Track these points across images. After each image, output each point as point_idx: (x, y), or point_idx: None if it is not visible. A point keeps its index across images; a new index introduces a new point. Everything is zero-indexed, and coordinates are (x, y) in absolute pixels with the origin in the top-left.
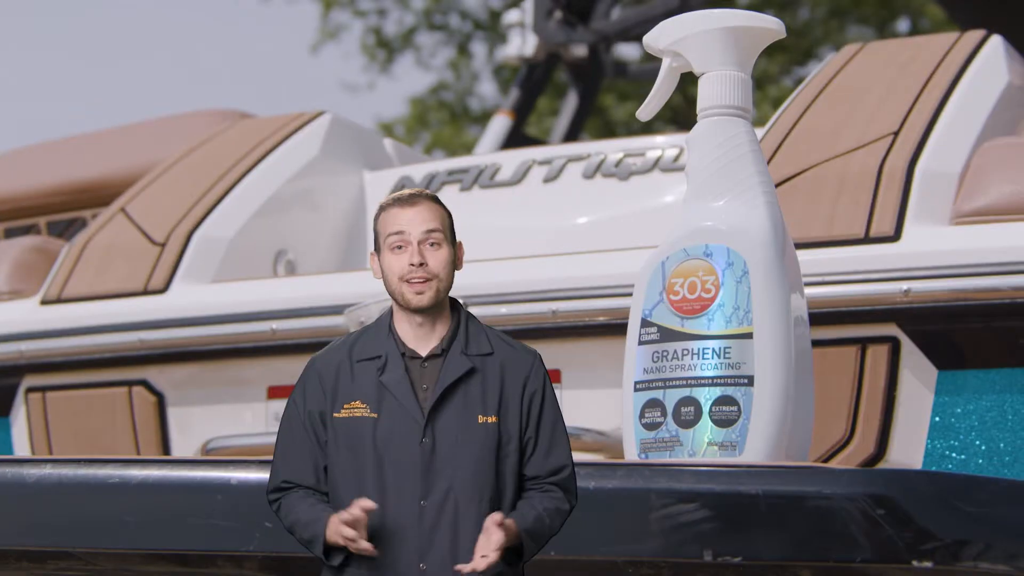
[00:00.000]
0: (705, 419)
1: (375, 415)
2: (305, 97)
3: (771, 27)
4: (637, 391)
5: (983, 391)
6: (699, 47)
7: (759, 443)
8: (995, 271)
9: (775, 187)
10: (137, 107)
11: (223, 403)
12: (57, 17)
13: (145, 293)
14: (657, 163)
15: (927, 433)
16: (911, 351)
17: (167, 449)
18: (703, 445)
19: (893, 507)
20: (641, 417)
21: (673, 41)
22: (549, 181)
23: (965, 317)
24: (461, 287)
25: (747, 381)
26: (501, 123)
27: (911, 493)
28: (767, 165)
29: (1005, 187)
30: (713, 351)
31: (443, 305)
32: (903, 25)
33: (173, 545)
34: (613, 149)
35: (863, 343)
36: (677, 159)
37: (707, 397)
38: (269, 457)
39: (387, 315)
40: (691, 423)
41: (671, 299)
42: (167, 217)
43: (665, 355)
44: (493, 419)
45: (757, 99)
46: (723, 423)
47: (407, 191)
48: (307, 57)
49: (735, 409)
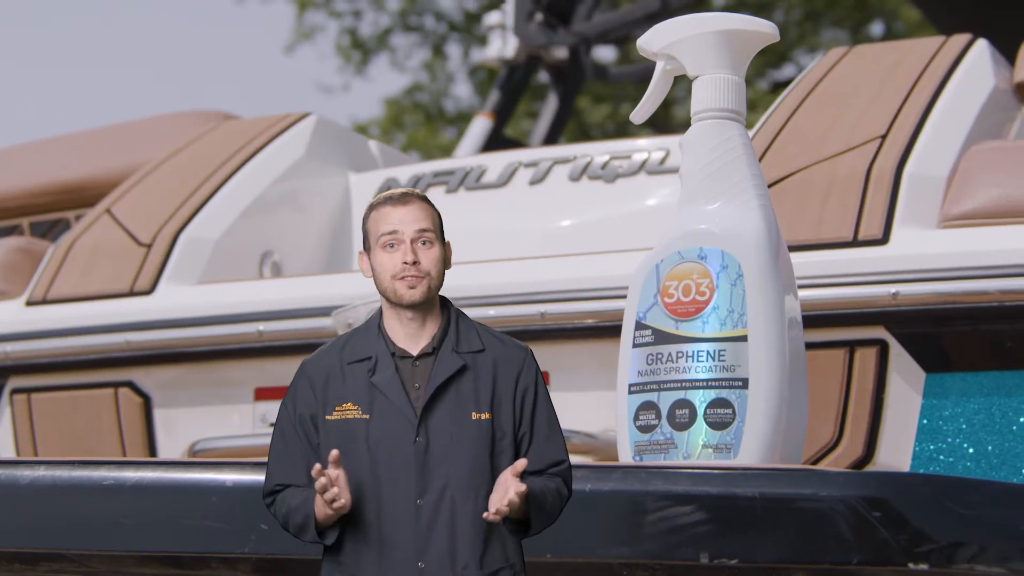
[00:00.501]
0: (700, 422)
1: (367, 416)
2: (280, 99)
3: (765, 31)
4: (631, 393)
5: (970, 394)
6: (693, 50)
7: (754, 446)
8: (983, 274)
9: None
10: (110, 109)
11: (210, 405)
12: (21, 25)
13: (131, 294)
14: (643, 166)
15: (915, 436)
16: (899, 354)
17: (153, 451)
18: (698, 448)
19: (889, 509)
20: (635, 419)
21: (667, 44)
22: (535, 183)
23: (953, 320)
24: (450, 288)
25: (741, 384)
26: (481, 125)
27: (907, 495)
28: None
29: (993, 191)
30: (708, 354)
31: (434, 303)
32: (877, 28)
33: (167, 547)
34: (599, 151)
35: (851, 346)
36: (663, 162)
37: (702, 400)
38: (263, 459)
39: (376, 316)
40: (686, 426)
41: (665, 302)
42: (153, 218)
43: (659, 358)
44: (487, 416)
45: None
46: (718, 426)
47: (398, 190)
48: (282, 58)
49: (730, 412)
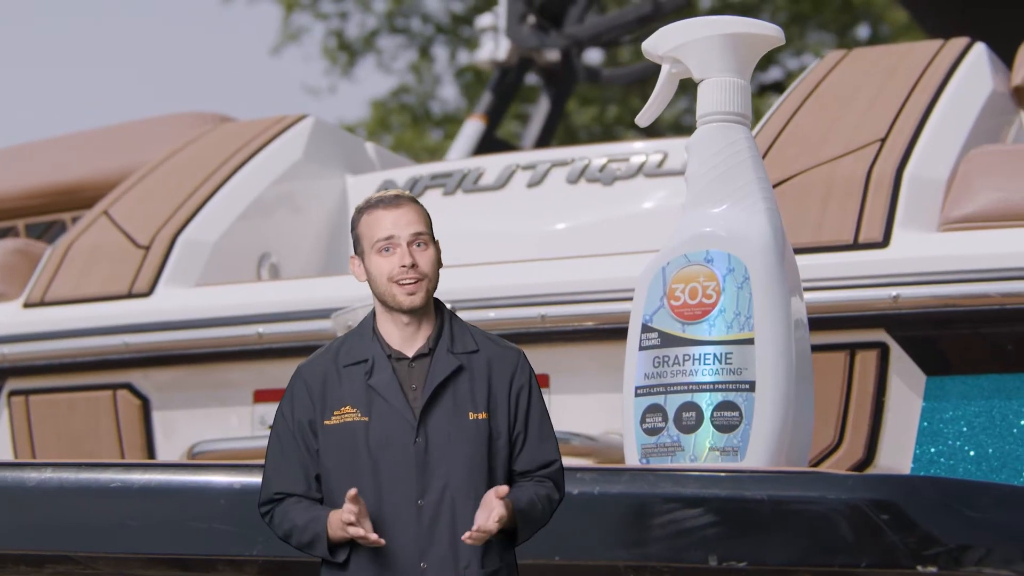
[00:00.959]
0: (707, 424)
1: (366, 419)
2: (266, 100)
3: (770, 34)
4: (638, 396)
5: (971, 396)
6: (698, 53)
7: (761, 448)
8: (983, 277)
9: None
10: (94, 110)
11: (209, 407)
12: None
13: (130, 296)
14: (641, 168)
15: (915, 438)
16: (899, 357)
17: (152, 453)
18: (704, 450)
19: (897, 512)
20: (642, 422)
21: (673, 47)
22: (533, 186)
23: (953, 323)
24: (450, 291)
25: (748, 387)
26: (474, 127)
27: (915, 498)
28: None
29: (992, 194)
30: (714, 356)
31: (429, 305)
32: (863, 31)
33: (174, 550)
34: (597, 154)
35: (852, 349)
36: (661, 164)
37: (708, 402)
38: None
39: (370, 318)
40: (692, 428)
41: (672, 304)
42: (151, 220)
43: (666, 360)
44: (483, 416)
45: None
46: (724, 428)
47: (388, 193)
48: (268, 60)
49: (736, 414)
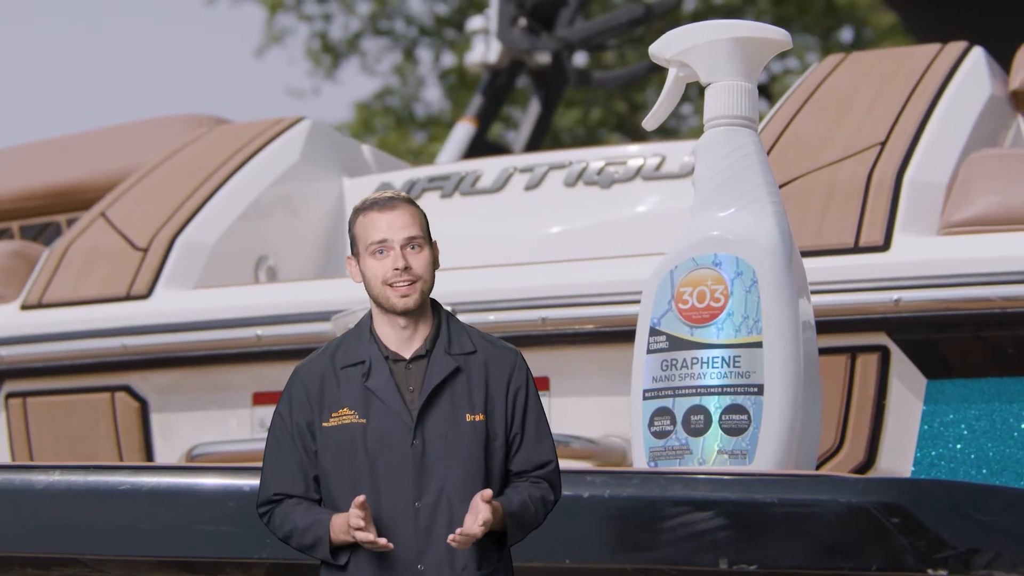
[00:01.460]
0: (715, 427)
1: (363, 420)
2: (249, 102)
3: (777, 38)
4: (646, 399)
5: (972, 400)
6: (706, 57)
7: (770, 452)
8: (984, 281)
9: None
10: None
11: (207, 409)
12: None
13: (128, 298)
14: (639, 172)
15: (916, 442)
16: (900, 360)
17: (150, 456)
18: (713, 453)
19: (907, 516)
20: (650, 425)
21: (680, 51)
22: (530, 189)
23: (954, 327)
24: (449, 293)
25: (757, 390)
26: (464, 130)
27: (925, 502)
28: None
29: (993, 198)
30: (723, 360)
31: (425, 306)
32: (847, 34)
33: (184, 553)
34: (595, 157)
35: (853, 352)
36: (659, 168)
37: (717, 406)
38: None
39: (367, 319)
40: (701, 431)
41: (680, 308)
42: (149, 222)
43: (674, 364)
44: (480, 417)
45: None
46: (733, 432)
47: (383, 194)
48: (252, 62)
49: (745, 418)
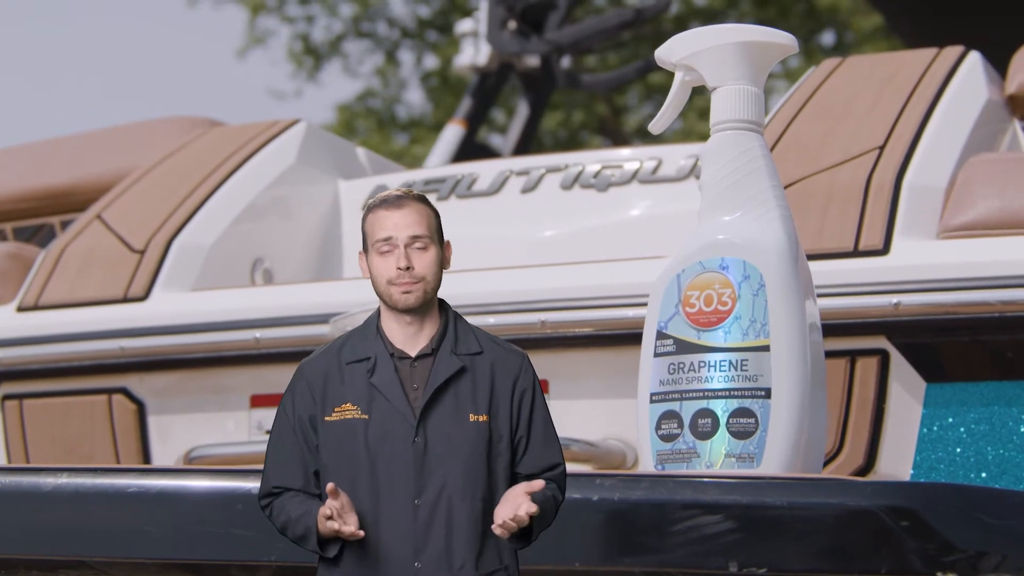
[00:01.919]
0: (722, 431)
1: (366, 416)
2: (231, 104)
3: (784, 42)
4: (653, 403)
5: (971, 404)
6: (712, 61)
7: (777, 455)
8: (984, 285)
9: None
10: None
11: (205, 412)
12: None
13: (125, 300)
14: (635, 175)
15: (916, 445)
16: (900, 363)
17: (147, 458)
18: (720, 457)
19: (917, 519)
20: (657, 428)
21: (686, 55)
22: (527, 192)
23: (954, 330)
24: (448, 296)
25: (764, 393)
26: (454, 132)
27: (935, 505)
28: None
29: (992, 202)
30: (730, 363)
31: (431, 305)
32: (828, 37)
33: (192, 555)
34: (591, 160)
35: (852, 355)
36: (655, 171)
37: (724, 409)
38: None
39: (374, 317)
40: (708, 435)
41: (687, 311)
42: (145, 224)
43: (681, 367)
44: (484, 418)
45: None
46: (740, 435)
47: (394, 192)
48: (234, 64)
49: (752, 421)
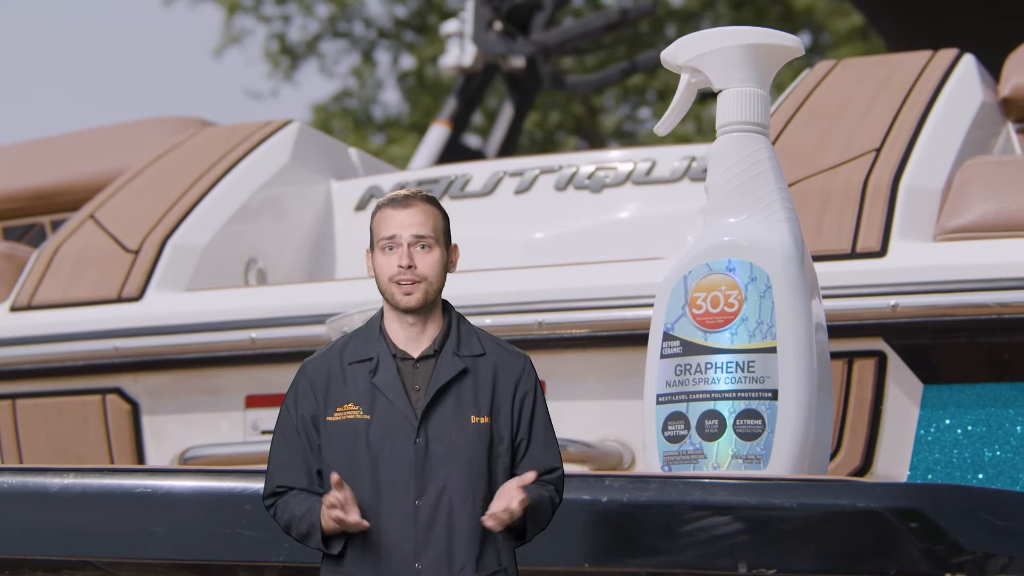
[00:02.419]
0: (729, 432)
1: (368, 416)
2: (208, 104)
3: (790, 45)
4: (660, 404)
5: (968, 405)
6: (719, 64)
7: (784, 456)
8: (981, 287)
9: None
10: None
11: (199, 412)
12: None
13: (120, 300)
14: (630, 176)
15: (912, 446)
16: (897, 365)
17: (141, 459)
18: (727, 458)
19: (925, 520)
20: (664, 430)
21: (692, 57)
22: (521, 192)
23: (951, 332)
24: (446, 296)
25: (771, 395)
26: (439, 133)
27: (944, 507)
28: None
29: (989, 204)
30: (737, 365)
31: (434, 306)
32: (804, 39)
33: (199, 556)
34: (586, 161)
35: (850, 357)
36: (649, 172)
37: (731, 410)
38: None
39: (377, 317)
40: (715, 436)
41: (694, 313)
42: (139, 224)
43: (688, 368)
44: (485, 420)
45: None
46: (747, 436)
47: (402, 192)
48: (210, 64)
49: (759, 423)
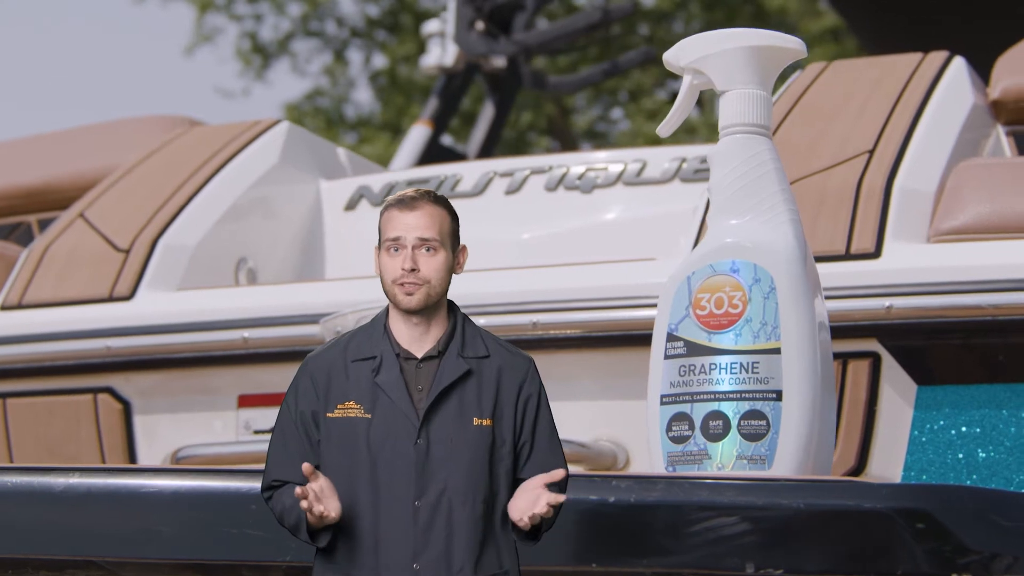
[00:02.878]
0: (733, 433)
1: (368, 415)
2: (179, 102)
3: (793, 47)
4: (664, 404)
5: (962, 406)
6: (721, 65)
7: (789, 457)
8: (975, 289)
9: None
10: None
11: (191, 411)
12: None
13: (111, 299)
14: (620, 177)
15: (907, 447)
16: (891, 366)
17: (133, 458)
18: (731, 459)
19: (933, 521)
20: (668, 430)
21: (695, 59)
22: (511, 193)
23: (945, 333)
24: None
25: (775, 396)
26: (420, 132)
27: (950, 507)
28: None
29: (982, 206)
30: (741, 365)
31: (438, 307)
32: None
33: (203, 556)
34: (576, 162)
35: (844, 358)
36: (640, 173)
37: (735, 411)
38: None
39: (382, 315)
40: (719, 437)
41: (698, 314)
42: (129, 223)
43: (692, 369)
44: (487, 422)
45: (631, 112)
46: (752, 437)
47: (410, 192)
48: (181, 62)
49: (763, 423)
